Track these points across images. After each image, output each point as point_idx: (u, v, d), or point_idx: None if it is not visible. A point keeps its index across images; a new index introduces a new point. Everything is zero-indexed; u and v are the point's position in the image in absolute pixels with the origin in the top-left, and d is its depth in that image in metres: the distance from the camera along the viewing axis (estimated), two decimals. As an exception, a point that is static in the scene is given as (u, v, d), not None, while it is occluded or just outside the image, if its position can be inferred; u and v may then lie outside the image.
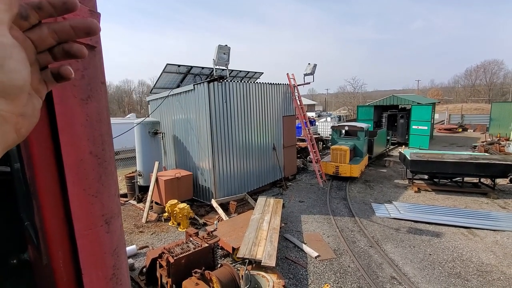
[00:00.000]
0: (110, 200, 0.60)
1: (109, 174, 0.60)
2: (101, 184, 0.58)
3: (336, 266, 5.50)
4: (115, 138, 6.67)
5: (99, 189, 0.57)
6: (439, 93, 64.83)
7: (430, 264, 5.51)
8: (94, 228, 0.57)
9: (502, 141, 18.18)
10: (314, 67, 11.44)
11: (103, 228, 0.58)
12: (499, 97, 51.75)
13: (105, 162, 0.59)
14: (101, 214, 0.58)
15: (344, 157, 10.88)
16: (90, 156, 0.55)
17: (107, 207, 0.59)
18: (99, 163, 0.57)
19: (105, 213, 0.59)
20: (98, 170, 0.57)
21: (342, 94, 61.87)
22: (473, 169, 9.02)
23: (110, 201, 0.60)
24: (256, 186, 9.72)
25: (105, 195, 0.59)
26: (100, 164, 0.57)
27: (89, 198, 0.56)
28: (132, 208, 8.90)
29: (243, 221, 6.47)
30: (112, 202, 0.61)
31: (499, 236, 6.53)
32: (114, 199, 0.61)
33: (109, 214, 0.59)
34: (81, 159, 0.54)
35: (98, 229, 0.57)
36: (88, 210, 0.56)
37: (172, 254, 3.93)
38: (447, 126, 28.41)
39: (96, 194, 0.57)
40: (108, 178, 0.59)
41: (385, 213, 7.90)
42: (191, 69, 10.36)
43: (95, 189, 0.56)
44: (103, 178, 0.58)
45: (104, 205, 0.59)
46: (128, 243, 6.61)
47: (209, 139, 8.14)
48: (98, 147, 0.57)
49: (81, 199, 0.54)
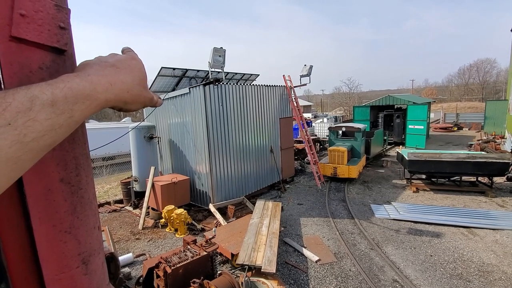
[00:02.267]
0: (88, 235, 0.49)
1: (86, 203, 0.49)
2: (76, 217, 0.47)
3: (337, 270, 5.41)
4: (111, 143, 6.52)
5: (73, 223, 0.46)
6: (433, 92, 65.45)
7: (431, 266, 5.44)
8: (68, 271, 0.46)
9: (497, 139, 18.32)
10: (310, 68, 11.40)
11: (79, 270, 0.47)
12: (493, 95, 52.38)
13: (80, 189, 0.48)
14: (76, 254, 0.47)
15: (342, 158, 10.82)
16: (60, 184, 0.45)
17: (85, 244, 0.49)
18: (73, 191, 0.47)
19: (82, 251, 0.48)
20: (72, 200, 0.46)
21: (337, 94, 62.12)
22: (471, 168, 9.02)
23: (88, 236, 0.49)
24: (254, 189, 9.61)
25: (81, 230, 0.48)
26: (74, 192, 0.47)
27: (61, 236, 0.45)
28: (128, 214, 8.72)
29: (241, 226, 6.35)
30: (91, 237, 0.50)
31: (499, 235, 6.50)
32: (93, 233, 0.50)
33: (87, 253, 0.49)
34: (48, 189, 0.43)
35: (73, 271, 0.47)
36: (59, 250, 0.45)
37: (170, 264, 3.80)
38: (442, 125, 28.62)
39: (69, 230, 0.46)
40: (84, 209, 0.49)
41: (384, 214, 7.84)
42: (186, 72, 10.24)
43: (68, 224, 0.46)
44: (79, 210, 0.48)
45: (81, 242, 0.48)
46: (124, 250, 6.46)
47: (206, 143, 8.03)
48: (71, 172, 0.46)
49: (50, 238, 0.44)
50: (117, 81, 0.46)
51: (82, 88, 0.40)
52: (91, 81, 0.42)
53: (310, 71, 11.43)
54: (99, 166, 14.72)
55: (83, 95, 0.40)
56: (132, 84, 0.49)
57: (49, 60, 0.43)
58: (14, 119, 0.33)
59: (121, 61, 0.49)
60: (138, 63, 0.53)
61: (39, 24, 0.42)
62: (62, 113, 0.38)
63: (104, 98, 0.43)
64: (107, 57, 0.49)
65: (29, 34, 0.41)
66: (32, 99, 0.35)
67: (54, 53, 0.44)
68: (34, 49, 0.42)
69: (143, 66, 0.54)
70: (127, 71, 0.49)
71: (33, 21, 0.41)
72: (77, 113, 0.40)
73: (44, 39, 0.42)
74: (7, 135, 0.32)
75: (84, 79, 0.41)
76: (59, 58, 0.45)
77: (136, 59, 0.53)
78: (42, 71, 0.42)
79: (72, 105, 0.39)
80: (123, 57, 0.51)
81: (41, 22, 0.42)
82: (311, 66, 11.44)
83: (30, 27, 0.41)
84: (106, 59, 0.48)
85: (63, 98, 0.38)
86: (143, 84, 0.52)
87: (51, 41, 0.43)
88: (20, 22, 0.40)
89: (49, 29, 0.43)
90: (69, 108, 0.39)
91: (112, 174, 14.74)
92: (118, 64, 0.48)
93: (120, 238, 7.09)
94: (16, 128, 0.33)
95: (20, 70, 0.41)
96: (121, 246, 6.68)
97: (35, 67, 0.42)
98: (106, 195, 10.97)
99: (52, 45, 0.43)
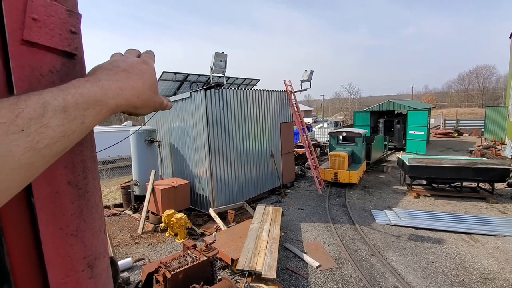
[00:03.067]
0: (94, 239, 0.49)
1: (92, 207, 0.49)
2: (83, 220, 0.47)
3: (338, 276, 5.36)
4: (111, 147, 6.51)
5: (79, 226, 0.46)
6: (433, 98, 65.63)
7: (433, 272, 5.40)
8: (73, 274, 0.46)
9: (497, 145, 18.31)
10: (311, 73, 11.46)
11: (85, 274, 0.47)
12: (492, 102, 52.54)
13: (87, 192, 0.48)
14: (82, 257, 0.47)
15: (343, 163, 10.81)
16: (68, 187, 0.45)
17: (91, 248, 0.48)
18: (80, 194, 0.47)
19: (88, 254, 0.48)
20: (79, 203, 0.46)
21: (338, 99, 62.36)
22: (472, 174, 9.00)
23: (94, 239, 0.49)
24: (254, 194, 9.58)
25: (87, 233, 0.48)
26: (81, 195, 0.47)
27: (67, 239, 0.45)
28: (128, 218, 8.68)
29: (241, 231, 6.31)
30: (97, 241, 0.50)
31: (500, 242, 6.46)
32: (99, 237, 0.50)
33: (92, 256, 0.49)
34: (56, 192, 0.43)
35: (78, 275, 0.47)
36: (65, 253, 0.45)
37: (169, 269, 3.77)
38: (442, 130, 28.64)
39: (75, 233, 0.46)
40: (91, 212, 0.49)
41: (385, 220, 7.80)
42: (187, 77, 10.29)
43: (74, 226, 0.46)
44: (85, 213, 0.48)
45: (87, 245, 0.48)
46: (124, 255, 6.41)
47: (206, 147, 8.03)
48: (79, 175, 0.46)
49: (56, 241, 0.44)
50: (127, 86, 0.46)
51: (93, 94, 0.40)
52: (102, 87, 0.42)
53: (311, 76, 11.48)
54: (99, 169, 14.69)
55: (94, 100, 0.40)
56: (142, 89, 0.49)
57: (59, 64, 0.44)
58: (27, 126, 0.33)
59: (132, 66, 0.50)
60: (149, 67, 0.53)
61: (50, 29, 0.42)
62: (74, 119, 0.38)
63: (114, 104, 0.44)
64: (119, 62, 0.49)
65: (41, 38, 0.41)
66: (45, 105, 0.35)
67: (64, 57, 0.45)
68: (45, 52, 0.42)
69: (154, 71, 0.54)
70: (138, 76, 0.49)
71: (45, 25, 0.42)
72: (88, 119, 0.40)
73: (55, 43, 0.43)
74: (20, 142, 0.32)
75: (95, 84, 0.41)
76: (69, 62, 0.46)
77: (148, 63, 0.53)
78: (52, 74, 0.43)
79: (84, 111, 0.39)
80: (135, 61, 0.51)
81: (52, 26, 0.42)
82: (311, 71, 11.50)
83: (42, 31, 0.41)
84: (118, 63, 0.48)
85: (75, 104, 0.38)
86: (153, 88, 0.53)
87: (62, 45, 0.43)
88: (32, 26, 0.41)
89: (60, 33, 0.43)
90: (80, 114, 0.39)
91: (112, 177, 14.72)
92: (129, 69, 0.48)
93: (120, 243, 7.04)
94: (29, 134, 0.33)
95: (31, 73, 0.41)
96: (120, 251, 6.64)
97: (45, 71, 0.42)
98: (105, 199, 10.93)
99: (63, 49, 0.43)
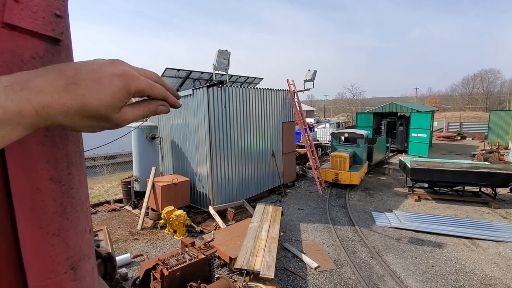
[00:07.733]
0: (78, 239, 0.46)
1: (77, 204, 0.46)
2: (66, 219, 0.44)
3: (336, 277, 5.33)
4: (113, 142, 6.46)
5: (62, 225, 0.43)
6: (436, 101, 65.22)
7: (433, 277, 5.35)
8: (55, 276, 0.43)
9: (501, 149, 18.16)
10: (314, 73, 11.39)
11: (67, 276, 0.44)
12: (496, 106, 52.15)
13: (71, 189, 0.45)
14: (64, 258, 0.44)
15: (344, 164, 10.75)
16: (50, 183, 0.41)
17: (74, 248, 0.45)
18: (63, 191, 0.43)
19: (71, 255, 0.45)
20: (62, 200, 0.43)
21: (341, 100, 62.15)
22: (474, 178, 8.92)
23: (79, 239, 0.46)
24: (254, 193, 9.56)
25: (71, 233, 0.45)
26: (65, 192, 0.44)
27: (48, 238, 0.42)
28: (127, 214, 8.69)
29: (241, 229, 6.29)
30: (81, 241, 0.47)
31: (502, 248, 6.40)
32: (83, 237, 0.47)
33: (76, 257, 0.45)
34: (36, 188, 0.40)
35: (60, 277, 0.43)
36: (46, 254, 0.42)
37: (167, 266, 3.76)
38: (445, 134, 28.45)
39: (57, 232, 0.43)
40: (75, 210, 0.45)
41: (385, 222, 7.75)
42: (190, 74, 10.27)
43: (56, 225, 0.42)
44: (69, 211, 0.44)
45: (70, 246, 0.45)
46: (122, 251, 6.41)
47: (208, 145, 8.01)
48: (62, 170, 0.43)
49: (36, 241, 0.41)
50: (56, 102, 0.35)
51: (4, 110, 0.32)
52: (19, 102, 0.33)
53: (314, 76, 11.42)
54: (100, 164, 14.72)
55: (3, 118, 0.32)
56: (87, 106, 0.37)
57: (42, 49, 0.40)
58: None
59: (88, 72, 0.38)
60: (115, 70, 0.39)
61: (33, 11, 0.39)
62: None
63: (28, 123, 0.34)
64: (75, 65, 0.38)
65: (22, 21, 0.38)
66: None
67: (48, 43, 0.41)
68: (27, 37, 0.39)
69: (127, 73, 0.40)
70: (87, 88, 0.37)
71: (27, 7, 0.38)
72: None
73: (38, 27, 0.39)
74: None
75: (12, 96, 0.32)
76: (54, 48, 0.42)
77: (116, 65, 0.40)
78: (34, 60, 0.39)
79: None
80: (94, 66, 0.39)
81: (35, 8, 0.39)
82: (315, 71, 11.43)
83: (24, 13, 0.38)
84: (67, 68, 0.37)
85: None
86: (116, 103, 0.39)
87: (45, 30, 0.40)
88: (13, 8, 0.38)
89: (44, 16, 0.40)
90: None
91: (113, 173, 14.74)
92: (77, 77, 0.37)
93: (118, 238, 7.04)
94: None
95: (11, 58, 0.38)
96: (119, 246, 6.64)
97: (27, 56, 0.39)
98: (106, 194, 10.95)
99: (46, 34, 0.40)
